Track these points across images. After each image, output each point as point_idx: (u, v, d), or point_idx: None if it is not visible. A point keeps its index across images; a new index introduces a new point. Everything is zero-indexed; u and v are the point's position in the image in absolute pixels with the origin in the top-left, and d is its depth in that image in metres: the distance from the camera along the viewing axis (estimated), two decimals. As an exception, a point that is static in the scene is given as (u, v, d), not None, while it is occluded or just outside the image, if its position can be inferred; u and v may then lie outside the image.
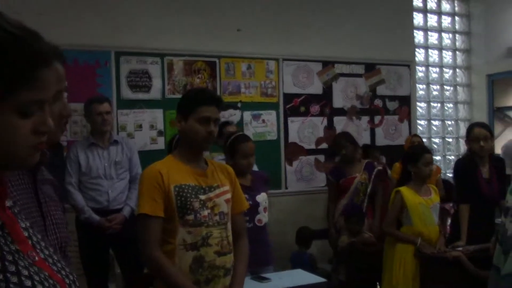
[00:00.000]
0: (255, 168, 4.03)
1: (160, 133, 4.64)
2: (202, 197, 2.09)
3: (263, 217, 3.09)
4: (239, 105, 5.00)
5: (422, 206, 3.46)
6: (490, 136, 3.68)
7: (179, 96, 4.65)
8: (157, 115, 4.63)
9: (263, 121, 5.11)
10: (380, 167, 4.87)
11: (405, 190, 3.49)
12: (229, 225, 2.18)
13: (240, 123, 4.89)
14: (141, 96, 4.59)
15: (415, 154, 3.55)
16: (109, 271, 3.88)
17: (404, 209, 3.48)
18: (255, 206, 3.04)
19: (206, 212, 2.08)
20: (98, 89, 4.39)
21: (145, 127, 4.60)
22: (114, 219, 3.65)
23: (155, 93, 4.64)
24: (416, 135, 5.15)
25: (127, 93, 4.55)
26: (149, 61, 4.63)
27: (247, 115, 5.03)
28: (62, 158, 3.81)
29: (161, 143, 4.61)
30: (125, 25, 4.52)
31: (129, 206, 3.75)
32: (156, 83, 4.65)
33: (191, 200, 2.06)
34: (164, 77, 4.68)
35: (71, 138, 4.21)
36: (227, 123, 4.38)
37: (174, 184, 2.05)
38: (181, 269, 2.04)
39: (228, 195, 2.20)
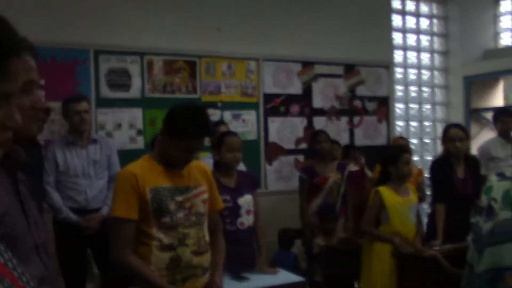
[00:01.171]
0: (243, 168, 4.06)
1: (139, 133, 4.61)
2: (179, 198, 2.09)
3: (245, 220, 3.06)
4: (219, 105, 5.00)
5: (400, 205, 3.51)
6: (466, 137, 3.75)
7: (159, 95, 4.65)
8: (137, 114, 4.60)
9: (243, 121, 5.12)
10: (356, 168, 4.91)
11: (384, 190, 3.54)
12: (205, 225, 2.19)
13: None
14: (120, 95, 4.56)
15: (395, 154, 3.60)
16: (87, 271, 3.85)
17: (383, 208, 3.52)
18: (236, 209, 3.02)
19: (182, 214, 2.09)
20: (76, 88, 4.34)
21: (124, 126, 4.56)
22: (92, 219, 3.62)
23: (134, 92, 4.62)
24: (401, 137, 5.21)
25: (106, 92, 4.51)
26: (128, 60, 4.60)
27: (227, 115, 5.03)
28: (40, 157, 3.76)
29: (140, 143, 4.59)
30: (105, 23, 4.48)
31: (108, 206, 3.71)
32: (136, 82, 4.62)
33: (167, 202, 2.06)
34: (144, 76, 4.66)
35: (49, 137, 4.16)
36: (221, 122, 4.37)
37: (150, 187, 2.05)
38: (158, 269, 2.04)
39: (205, 195, 2.20)
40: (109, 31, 4.49)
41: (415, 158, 6.62)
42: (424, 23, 6.76)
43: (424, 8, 6.75)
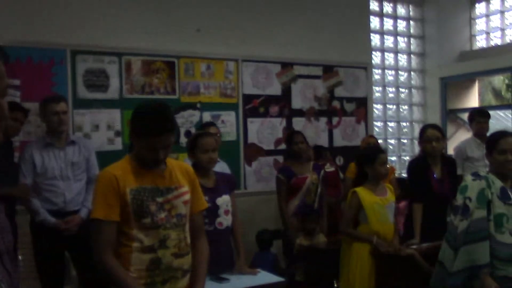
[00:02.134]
0: (226, 170, 4.06)
1: (117, 134, 4.57)
2: (159, 199, 2.08)
3: (224, 220, 3.07)
4: (198, 105, 4.99)
5: (378, 205, 3.55)
6: (442, 137, 3.80)
7: (137, 96, 4.62)
8: (115, 115, 4.57)
9: (223, 121, 5.12)
10: (332, 169, 4.96)
11: (361, 191, 3.57)
12: (187, 227, 2.17)
13: (199, 124, 4.88)
14: (98, 95, 4.52)
15: (371, 155, 3.63)
16: (64, 274, 3.80)
17: (361, 208, 3.55)
18: (214, 209, 3.03)
19: (163, 215, 2.07)
20: (53, 88, 4.29)
21: (102, 127, 4.52)
22: (71, 221, 3.58)
23: (112, 92, 4.58)
24: (372, 136, 5.26)
25: (84, 93, 4.46)
26: (106, 60, 4.56)
27: (207, 115, 5.02)
28: (12, 158, 3.71)
29: (118, 144, 4.55)
30: (82, 22, 4.44)
31: (86, 208, 3.68)
32: (114, 82, 4.58)
33: (148, 203, 2.04)
34: (122, 77, 4.62)
35: (25, 139, 4.10)
36: (210, 124, 4.35)
37: (130, 188, 2.03)
38: (138, 271, 2.03)
39: (187, 197, 2.18)
40: (86, 31, 4.45)
41: (393, 158, 6.71)
42: (401, 24, 6.85)
43: (401, 10, 6.83)
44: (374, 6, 6.53)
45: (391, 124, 6.71)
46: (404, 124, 6.82)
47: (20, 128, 3.79)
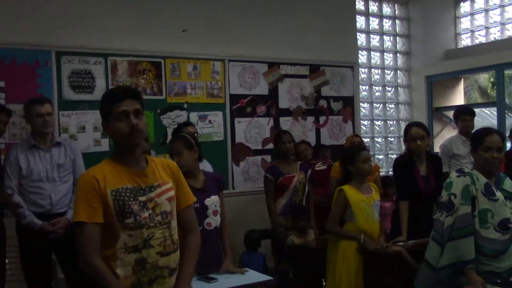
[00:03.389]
0: (209, 169, 4.06)
1: (104, 135, 4.54)
2: (142, 198, 2.06)
3: (212, 220, 3.07)
4: (185, 106, 4.98)
5: (364, 203, 3.57)
6: (427, 135, 3.82)
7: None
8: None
9: (210, 121, 5.12)
10: (324, 167, 4.98)
11: (347, 189, 3.59)
12: (173, 223, 2.15)
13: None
14: (83, 97, 4.50)
15: (352, 153, 3.67)
16: (52, 276, 3.78)
17: (348, 207, 3.57)
18: (203, 210, 3.03)
19: (146, 214, 2.05)
20: (38, 90, 4.26)
21: (88, 128, 4.50)
22: (57, 223, 3.56)
23: (98, 94, 4.54)
24: (356, 135, 5.27)
25: (69, 94, 4.44)
26: (92, 61, 4.54)
27: (194, 116, 5.02)
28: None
29: (105, 145, 4.53)
30: (67, 23, 4.41)
31: (73, 210, 3.65)
32: (100, 83, 4.56)
33: (130, 203, 2.02)
34: (108, 78, 4.60)
35: (10, 141, 4.06)
36: (187, 123, 4.34)
37: (111, 189, 2.01)
38: (124, 272, 2.02)
39: (171, 193, 2.16)
40: (71, 31, 4.42)
41: (380, 156, 6.75)
42: (387, 24, 6.89)
43: (387, 10, 6.87)
44: (360, 5, 6.56)
45: (378, 122, 6.75)
46: (391, 122, 6.87)
47: (4, 130, 3.76)
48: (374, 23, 6.76)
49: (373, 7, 6.76)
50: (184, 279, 2.16)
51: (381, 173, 6.50)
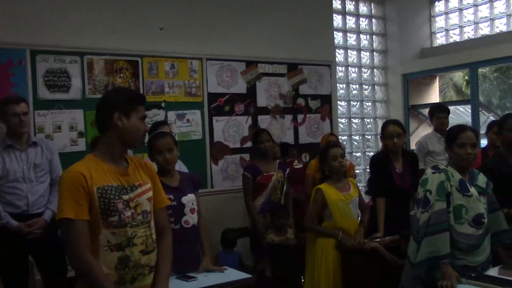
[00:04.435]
0: (183, 169, 4.05)
1: (80, 134, 4.50)
2: (125, 197, 2.08)
3: (190, 218, 3.07)
4: (163, 104, 4.96)
5: (342, 202, 3.61)
6: (403, 132, 3.88)
7: (100, 96, 4.55)
8: (77, 115, 4.49)
9: (188, 120, 5.10)
10: (300, 165, 5.00)
11: (325, 188, 3.63)
12: (152, 223, 2.18)
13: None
14: (59, 96, 4.44)
15: (324, 151, 3.73)
16: (28, 277, 3.73)
17: (326, 206, 3.60)
18: (180, 208, 3.03)
19: (129, 212, 2.07)
20: (12, 89, 4.19)
21: (64, 128, 4.44)
22: (34, 224, 3.52)
23: (74, 93, 4.50)
24: (332, 134, 5.31)
25: (45, 93, 4.38)
26: (67, 60, 4.48)
27: (171, 115, 4.99)
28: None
29: (82, 145, 4.48)
30: (42, 21, 4.35)
31: (50, 210, 3.62)
32: (76, 82, 4.51)
33: (115, 201, 2.04)
34: (84, 77, 4.55)
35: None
36: (163, 122, 4.32)
37: (97, 186, 2.02)
38: (107, 269, 2.02)
39: (150, 193, 2.19)
40: (46, 30, 4.36)
41: (358, 154, 6.81)
42: (364, 22, 6.95)
43: (363, 9, 6.94)
44: (336, 4, 6.61)
45: (355, 120, 6.81)
46: (368, 120, 6.94)
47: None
48: (350, 22, 6.81)
49: (350, 6, 6.81)
50: (162, 277, 2.19)
51: (358, 171, 6.61)
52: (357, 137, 6.83)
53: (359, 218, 3.79)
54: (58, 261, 3.65)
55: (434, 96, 7.43)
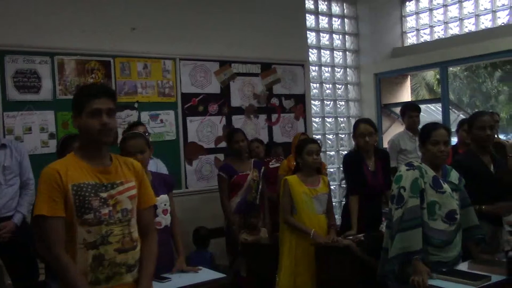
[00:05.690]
0: (162, 167, 4.02)
1: (51, 136, 4.43)
2: (103, 194, 2.07)
3: (162, 219, 3.06)
4: (136, 105, 4.92)
5: (305, 195, 3.68)
6: (375, 131, 3.93)
7: (71, 97, 4.46)
8: (48, 117, 4.43)
9: (161, 121, 5.07)
10: (277, 165, 5.02)
11: (291, 179, 3.71)
12: (133, 221, 2.16)
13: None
14: (29, 97, 4.36)
15: (300, 145, 3.80)
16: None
17: (292, 198, 3.67)
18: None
19: (107, 210, 2.06)
20: (-21, 91, 4.12)
21: (35, 129, 4.37)
22: (3, 227, 3.47)
23: (45, 94, 4.43)
24: (304, 134, 5.35)
25: (14, 94, 4.30)
26: (37, 61, 4.41)
27: (145, 115, 4.96)
28: None
29: (53, 146, 4.40)
30: (10, 21, 4.27)
31: (20, 213, 3.57)
32: (46, 83, 4.44)
33: (90, 198, 2.03)
34: (55, 77, 4.49)
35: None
36: (138, 123, 4.28)
37: (72, 183, 2.02)
38: (82, 268, 2.01)
39: (133, 191, 2.18)
40: (15, 30, 4.28)
41: (331, 153, 6.86)
42: (336, 22, 7.01)
43: (335, 9, 6.99)
44: (309, 4, 6.65)
45: (329, 119, 6.86)
46: (342, 119, 6.99)
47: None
48: (323, 21, 6.86)
49: (323, 6, 6.85)
50: (145, 277, 2.18)
51: (331, 170, 6.66)
52: (331, 136, 6.88)
53: (328, 220, 3.81)
54: (29, 264, 3.59)
55: (406, 95, 7.52)
